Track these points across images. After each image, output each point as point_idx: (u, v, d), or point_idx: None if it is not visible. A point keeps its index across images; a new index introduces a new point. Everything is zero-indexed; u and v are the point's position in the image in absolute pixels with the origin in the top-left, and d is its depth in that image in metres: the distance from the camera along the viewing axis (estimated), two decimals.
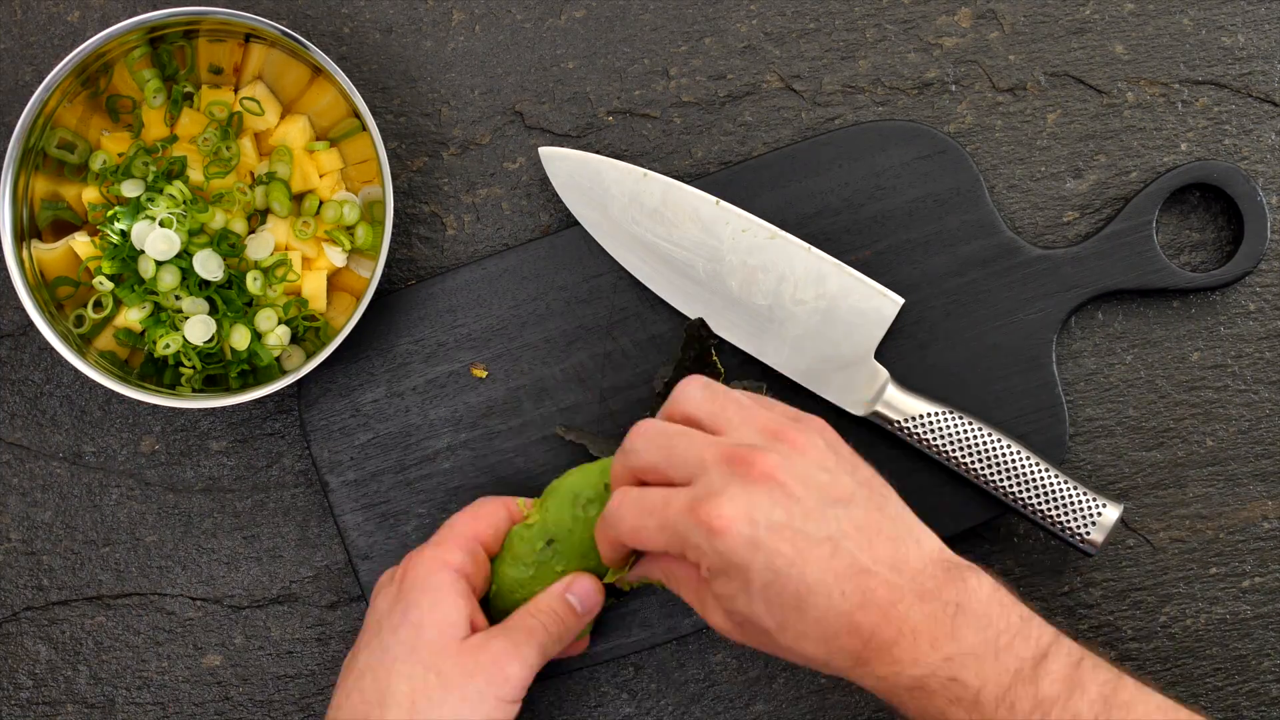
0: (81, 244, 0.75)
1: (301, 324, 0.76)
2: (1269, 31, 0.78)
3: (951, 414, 0.73)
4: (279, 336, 0.75)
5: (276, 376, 0.73)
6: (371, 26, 0.79)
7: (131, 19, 0.72)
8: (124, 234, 0.73)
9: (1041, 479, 0.72)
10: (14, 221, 0.72)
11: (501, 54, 0.79)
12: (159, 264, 0.73)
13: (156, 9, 0.79)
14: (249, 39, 0.75)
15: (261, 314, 0.74)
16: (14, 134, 0.71)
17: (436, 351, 0.77)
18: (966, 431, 0.73)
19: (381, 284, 0.78)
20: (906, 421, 0.73)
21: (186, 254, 0.73)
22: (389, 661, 0.66)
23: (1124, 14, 0.78)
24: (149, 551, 0.79)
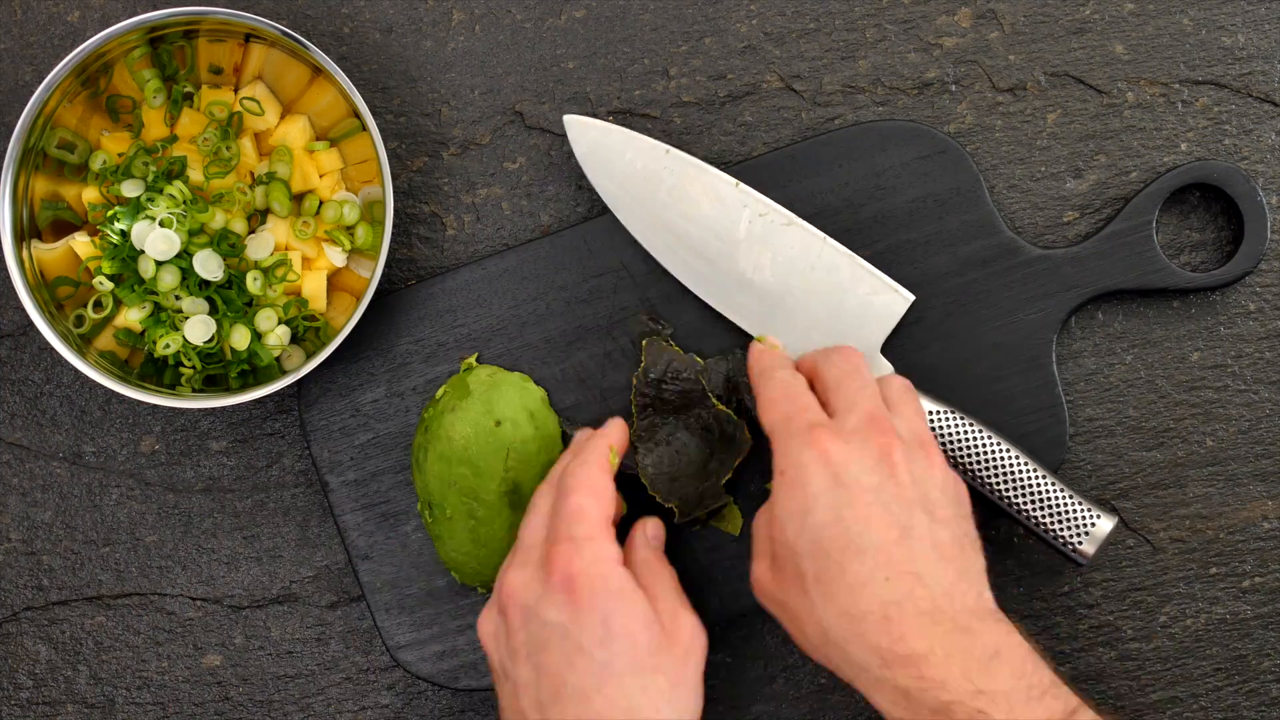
0: (81, 244, 0.75)
1: (301, 324, 0.76)
2: (1269, 31, 0.78)
3: (951, 414, 0.73)
4: (279, 336, 0.75)
5: (276, 376, 0.73)
6: (371, 26, 0.79)
7: (131, 19, 0.72)
8: (124, 234, 0.73)
9: (1037, 486, 0.72)
10: (14, 221, 0.72)
11: (501, 54, 0.79)
12: (159, 264, 0.73)
13: (156, 9, 0.79)
14: (249, 39, 0.75)
15: (261, 314, 0.74)
16: (14, 134, 0.71)
17: (436, 351, 0.77)
18: (965, 433, 0.73)
19: (381, 284, 0.78)
20: None
21: (186, 254, 0.73)
22: (616, 677, 0.63)
23: (1124, 14, 0.78)
24: (149, 551, 0.79)
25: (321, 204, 0.77)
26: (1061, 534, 0.72)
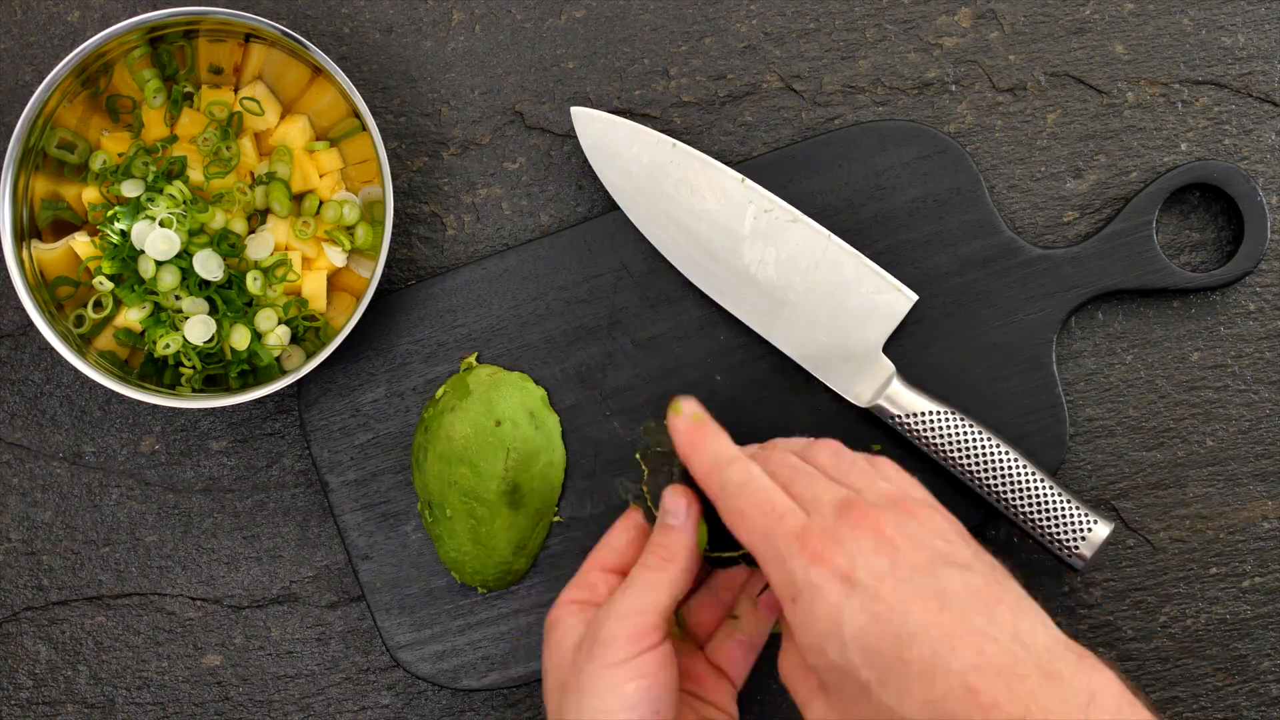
0: (81, 244, 0.75)
1: (301, 324, 0.76)
2: (1269, 31, 0.78)
3: (951, 414, 0.73)
4: (279, 336, 0.75)
5: (276, 376, 0.73)
6: (371, 26, 0.79)
7: (131, 19, 0.72)
8: (124, 234, 0.73)
9: (1034, 489, 0.72)
10: (14, 221, 0.72)
11: (501, 54, 0.79)
12: (159, 264, 0.73)
13: (156, 9, 0.79)
14: (249, 39, 0.75)
15: (261, 314, 0.74)
16: (14, 134, 0.71)
17: (436, 351, 0.77)
18: (965, 433, 0.73)
19: (381, 284, 0.78)
20: (907, 418, 0.73)
21: (186, 254, 0.73)
22: None
23: (1124, 14, 0.78)
24: (149, 551, 0.79)
25: (321, 204, 0.77)
26: (1058, 538, 0.72)
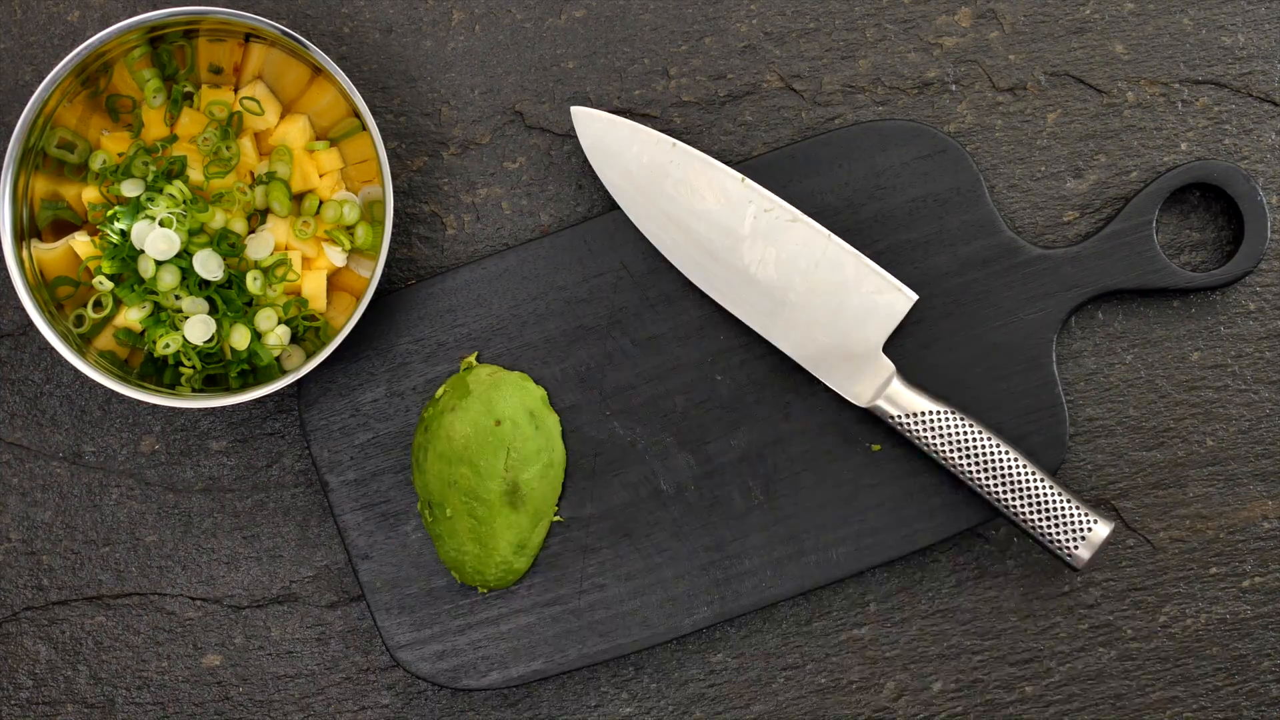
0: (81, 244, 0.75)
1: (301, 324, 0.76)
2: (1269, 31, 0.78)
3: (952, 414, 0.73)
4: (279, 336, 0.75)
5: (276, 376, 0.73)
6: (371, 26, 0.79)
7: (131, 19, 0.72)
8: (124, 234, 0.73)
9: (1034, 489, 0.72)
10: (14, 221, 0.72)
11: (501, 54, 0.79)
12: (159, 264, 0.73)
13: (156, 9, 0.79)
14: (249, 39, 0.75)
15: (261, 314, 0.74)
16: (14, 134, 0.71)
17: (436, 351, 0.77)
18: (965, 433, 0.73)
19: (381, 284, 0.78)
20: (906, 418, 0.73)
21: (186, 254, 0.73)
22: None
23: (1124, 14, 0.78)
24: (149, 551, 0.79)
25: (321, 204, 0.77)
26: (1058, 538, 0.72)
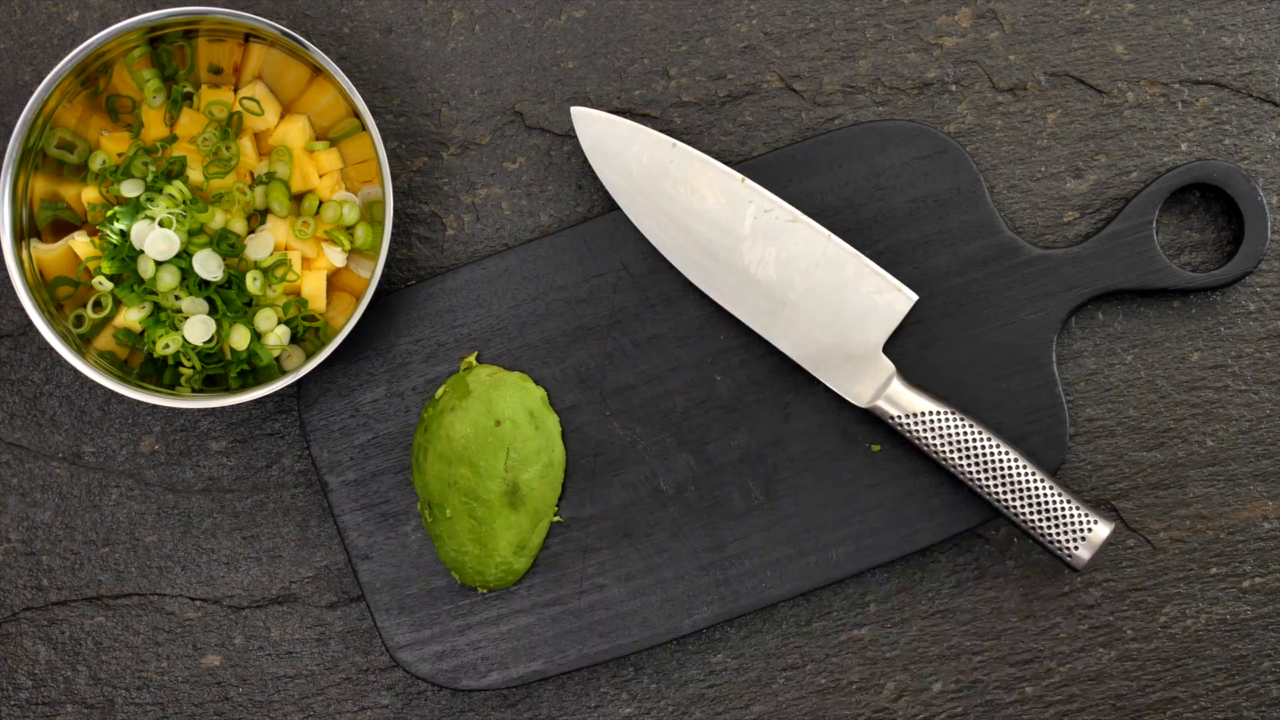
0: (81, 244, 0.75)
1: (301, 324, 0.76)
2: (1269, 31, 0.78)
3: (952, 414, 0.73)
4: (279, 336, 0.75)
5: (276, 376, 0.73)
6: (371, 26, 0.79)
7: (131, 19, 0.72)
8: (123, 234, 0.73)
9: (1035, 489, 0.72)
10: (14, 221, 0.72)
11: (501, 54, 0.79)
12: (159, 264, 0.73)
13: (156, 9, 0.79)
14: (249, 39, 0.75)
15: (261, 314, 0.74)
16: (14, 134, 0.71)
17: (436, 351, 0.77)
18: (965, 433, 0.73)
19: (381, 284, 0.78)
20: (906, 418, 0.73)
21: (186, 254, 0.73)
22: None
23: (1124, 14, 0.78)
24: (149, 552, 0.79)
25: (321, 204, 0.77)
26: (1058, 539, 0.72)
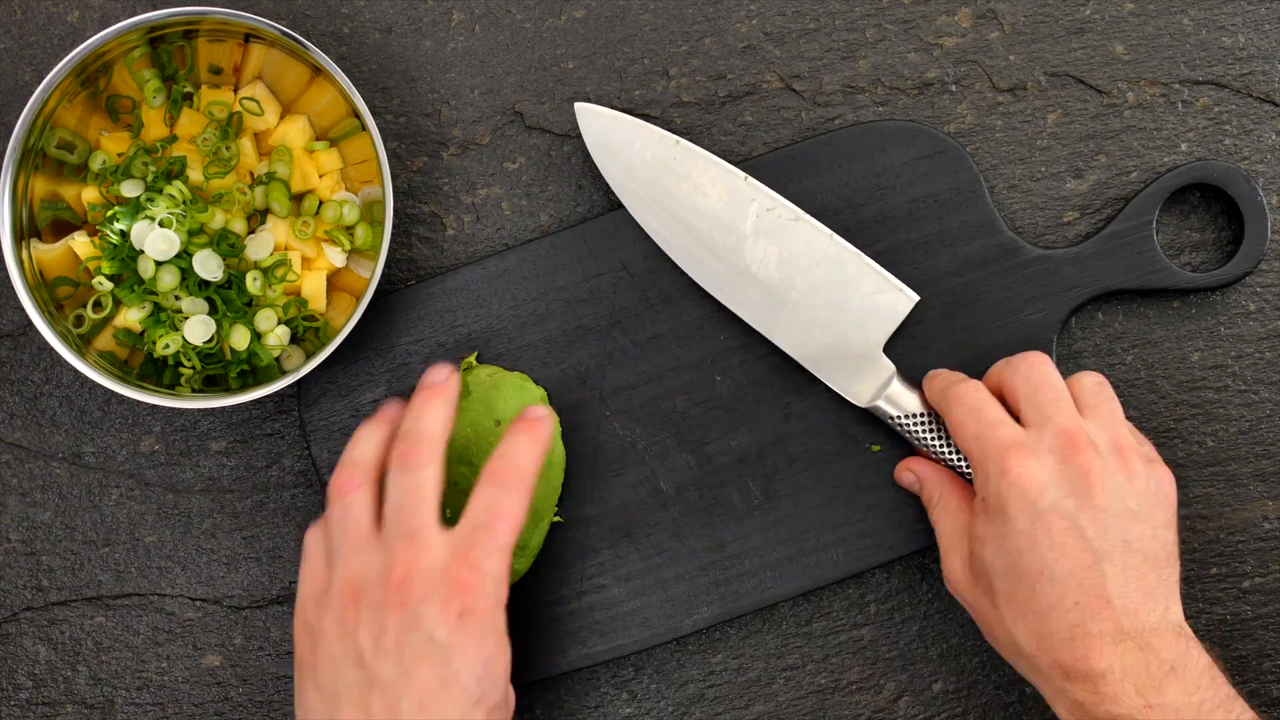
0: (81, 244, 0.75)
1: (301, 324, 0.76)
2: (1269, 31, 0.78)
3: None
4: (279, 336, 0.75)
5: (276, 376, 0.73)
6: (371, 26, 0.79)
7: (131, 19, 0.72)
8: (123, 234, 0.73)
9: None
10: (14, 221, 0.72)
11: (501, 54, 0.79)
12: (159, 264, 0.73)
13: (156, 9, 0.79)
14: (249, 39, 0.75)
15: (261, 314, 0.74)
16: (13, 134, 0.71)
17: (436, 351, 0.77)
18: None
19: (381, 284, 0.78)
20: (907, 418, 0.73)
21: (186, 254, 0.73)
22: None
23: (1124, 14, 0.78)
24: (149, 552, 0.79)
25: (321, 204, 0.77)
26: None
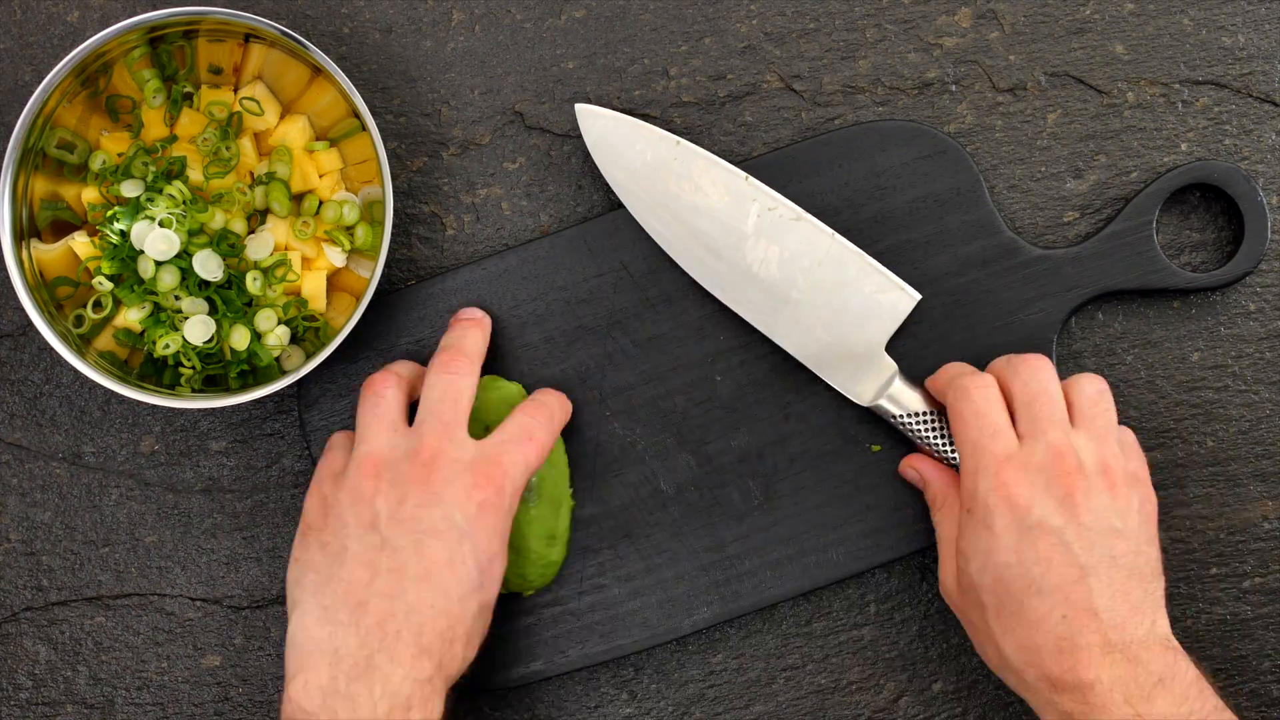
0: (81, 244, 0.75)
1: (301, 324, 0.76)
2: (1269, 31, 0.78)
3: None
4: (279, 336, 0.75)
5: (276, 376, 0.73)
6: (371, 26, 0.79)
7: (131, 19, 0.72)
8: (123, 234, 0.73)
9: None
10: (14, 221, 0.72)
11: (501, 54, 0.79)
12: (159, 264, 0.73)
13: (156, 9, 0.79)
14: (249, 39, 0.75)
15: (261, 314, 0.74)
16: (13, 134, 0.71)
17: None
18: None
19: (381, 284, 0.78)
20: (908, 417, 0.73)
21: (186, 254, 0.73)
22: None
23: (1124, 14, 0.78)
24: (149, 552, 0.79)
25: (321, 204, 0.77)
26: None
